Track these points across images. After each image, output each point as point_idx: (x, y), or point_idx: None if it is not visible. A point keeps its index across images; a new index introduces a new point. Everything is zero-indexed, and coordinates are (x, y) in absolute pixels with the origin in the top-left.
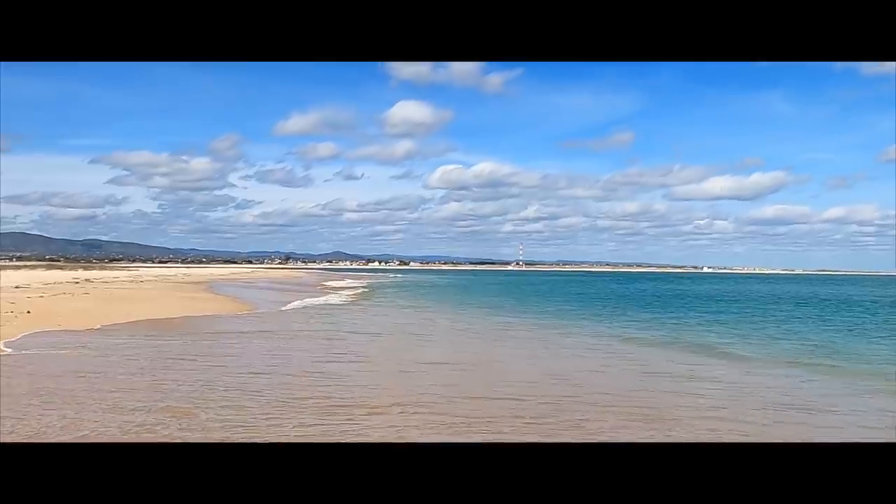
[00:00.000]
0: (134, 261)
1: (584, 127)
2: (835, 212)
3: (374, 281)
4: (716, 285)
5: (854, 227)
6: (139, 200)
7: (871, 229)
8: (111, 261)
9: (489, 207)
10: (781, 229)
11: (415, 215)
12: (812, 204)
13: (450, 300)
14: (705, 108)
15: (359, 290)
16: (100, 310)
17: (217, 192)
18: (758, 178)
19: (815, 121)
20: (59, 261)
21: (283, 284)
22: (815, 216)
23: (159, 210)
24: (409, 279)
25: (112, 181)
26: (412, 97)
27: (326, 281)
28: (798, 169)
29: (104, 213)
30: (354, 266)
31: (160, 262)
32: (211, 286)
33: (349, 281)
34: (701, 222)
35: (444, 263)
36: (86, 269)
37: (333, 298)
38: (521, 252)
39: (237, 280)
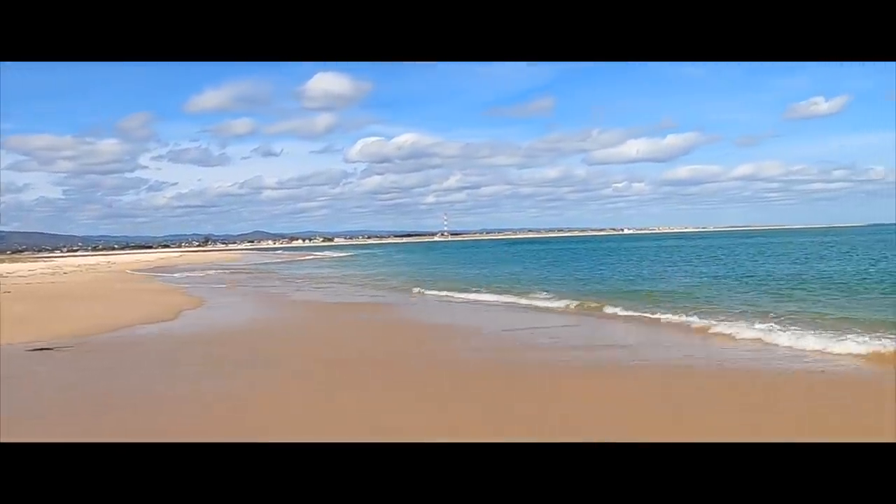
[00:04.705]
0: (40, 251)
1: (506, 94)
2: (743, 169)
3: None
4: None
5: (761, 184)
6: (42, 186)
7: (776, 185)
8: (14, 252)
9: (412, 179)
10: (693, 189)
11: (337, 190)
12: (723, 162)
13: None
14: (624, 71)
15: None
16: (48, 314)
17: (128, 175)
18: (672, 140)
19: (723, 82)
20: None
21: (249, 269)
22: (725, 174)
23: (65, 196)
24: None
25: (11, 167)
26: (330, 68)
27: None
28: (710, 129)
29: (3, 202)
30: (280, 245)
31: (69, 251)
32: (156, 276)
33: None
34: (619, 185)
35: (369, 237)
36: None
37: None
38: (445, 222)
39: (175, 266)
